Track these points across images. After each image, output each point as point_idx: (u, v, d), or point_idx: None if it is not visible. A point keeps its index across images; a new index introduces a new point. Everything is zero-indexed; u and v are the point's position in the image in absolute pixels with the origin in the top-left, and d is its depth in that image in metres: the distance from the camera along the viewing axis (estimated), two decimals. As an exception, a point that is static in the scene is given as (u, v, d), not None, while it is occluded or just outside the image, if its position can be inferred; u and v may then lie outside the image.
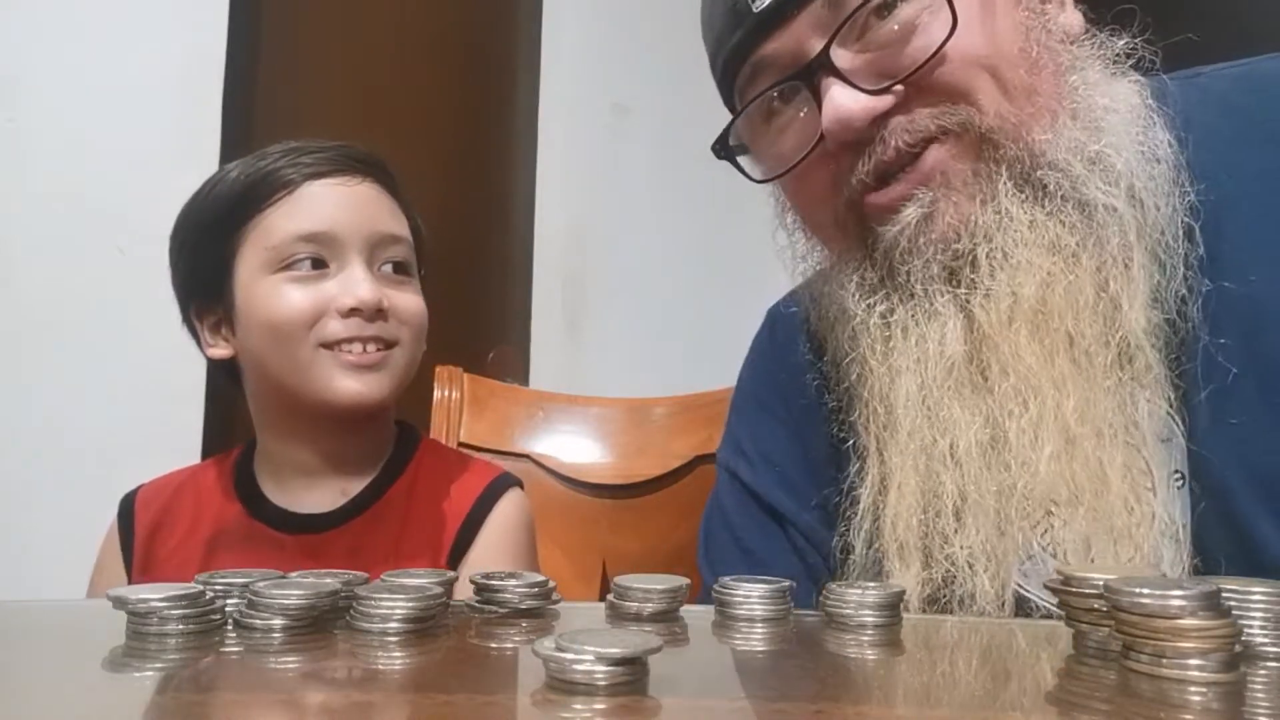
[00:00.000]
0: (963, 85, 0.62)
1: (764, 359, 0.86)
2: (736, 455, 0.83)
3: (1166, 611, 0.36)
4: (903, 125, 0.63)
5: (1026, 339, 0.62)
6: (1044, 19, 0.65)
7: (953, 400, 0.64)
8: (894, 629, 0.48)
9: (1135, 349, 0.61)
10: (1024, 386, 0.61)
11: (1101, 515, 0.59)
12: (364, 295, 0.78)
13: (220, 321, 0.84)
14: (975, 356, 0.64)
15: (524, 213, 1.89)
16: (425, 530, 0.83)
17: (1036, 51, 0.64)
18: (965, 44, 0.61)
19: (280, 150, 0.82)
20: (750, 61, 0.67)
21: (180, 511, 0.85)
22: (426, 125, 1.72)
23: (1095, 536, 0.60)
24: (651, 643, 0.35)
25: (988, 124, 0.62)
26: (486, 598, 0.51)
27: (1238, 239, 0.61)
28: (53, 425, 1.40)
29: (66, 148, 1.44)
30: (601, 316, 1.88)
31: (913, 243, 0.64)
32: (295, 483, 0.84)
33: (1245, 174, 0.63)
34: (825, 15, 0.63)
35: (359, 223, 0.80)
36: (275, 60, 1.62)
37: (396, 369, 0.82)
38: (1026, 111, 0.63)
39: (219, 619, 0.45)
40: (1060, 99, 0.64)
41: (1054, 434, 0.60)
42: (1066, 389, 0.61)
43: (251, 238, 0.80)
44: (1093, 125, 0.64)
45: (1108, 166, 0.62)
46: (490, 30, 1.88)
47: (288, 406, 0.82)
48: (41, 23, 1.44)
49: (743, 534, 0.80)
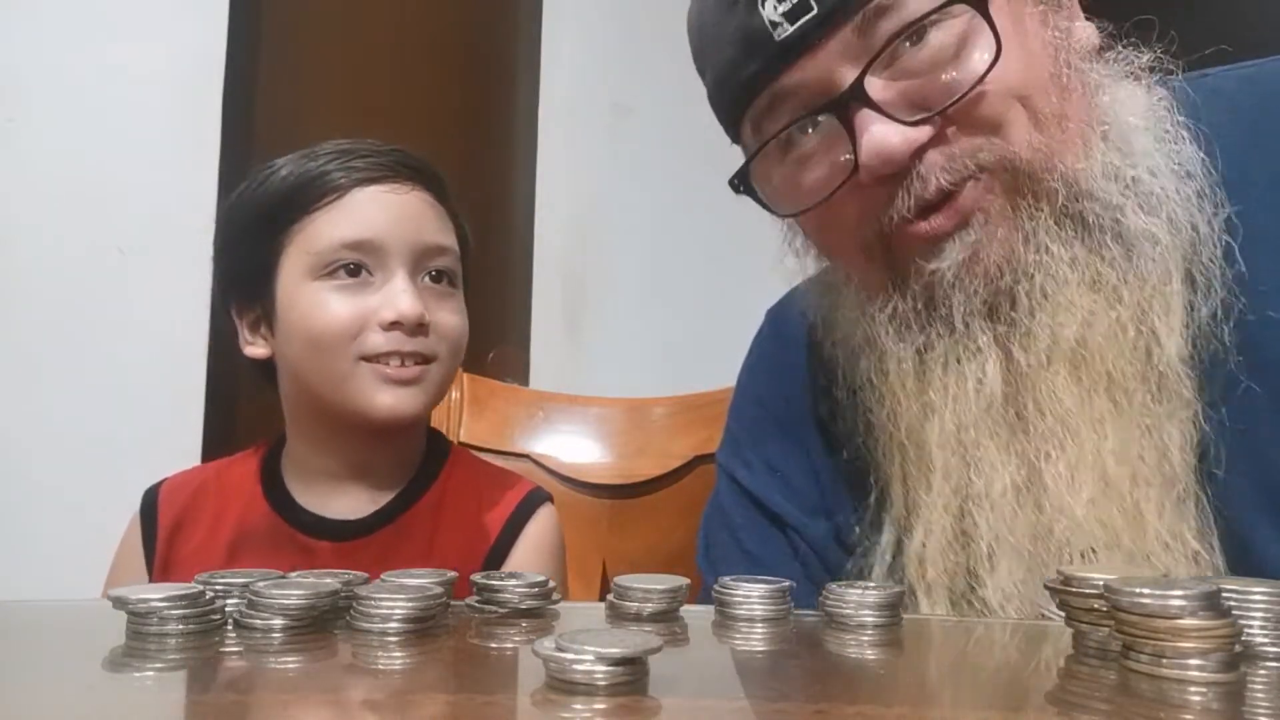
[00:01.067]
0: (997, 118, 0.60)
1: (765, 362, 0.86)
2: (736, 458, 0.82)
3: (1166, 611, 0.36)
4: (940, 165, 0.60)
5: (1065, 379, 0.60)
6: (1070, 38, 0.63)
7: (989, 441, 0.62)
8: (894, 629, 0.48)
9: (1172, 380, 0.59)
10: (1061, 428, 0.60)
11: (1138, 557, 0.58)
12: (405, 309, 0.77)
13: (259, 320, 0.82)
14: (1012, 396, 0.62)
15: (524, 213, 1.89)
16: (457, 544, 0.82)
17: (1066, 74, 0.62)
18: (1004, 73, 0.59)
19: (332, 150, 0.81)
20: (769, 91, 0.64)
21: (203, 509, 0.84)
22: (426, 125, 1.72)
23: None
24: (651, 643, 0.35)
25: (1023, 158, 0.60)
26: (486, 598, 0.51)
27: (1250, 252, 0.60)
28: (53, 425, 1.40)
29: (66, 148, 1.44)
30: (601, 316, 1.88)
31: (957, 278, 0.62)
32: (324, 487, 0.83)
33: (1258, 183, 0.62)
34: (855, 43, 0.60)
35: (405, 233, 0.79)
36: (275, 60, 1.62)
37: (433, 385, 0.81)
38: (1058, 140, 0.61)
39: (219, 619, 0.45)
40: (1091, 122, 0.62)
41: (1091, 477, 0.59)
42: (1105, 430, 0.59)
43: (296, 240, 0.79)
44: (1125, 147, 0.62)
45: (1145, 191, 0.61)
46: (490, 30, 1.88)
47: (322, 413, 0.81)
48: (41, 23, 1.44)
49: (743, 536, 0.79)
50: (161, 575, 0.82)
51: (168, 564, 0.83)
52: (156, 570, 0.83)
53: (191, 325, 1.43)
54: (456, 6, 1.83)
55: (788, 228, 0.75)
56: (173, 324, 1.43)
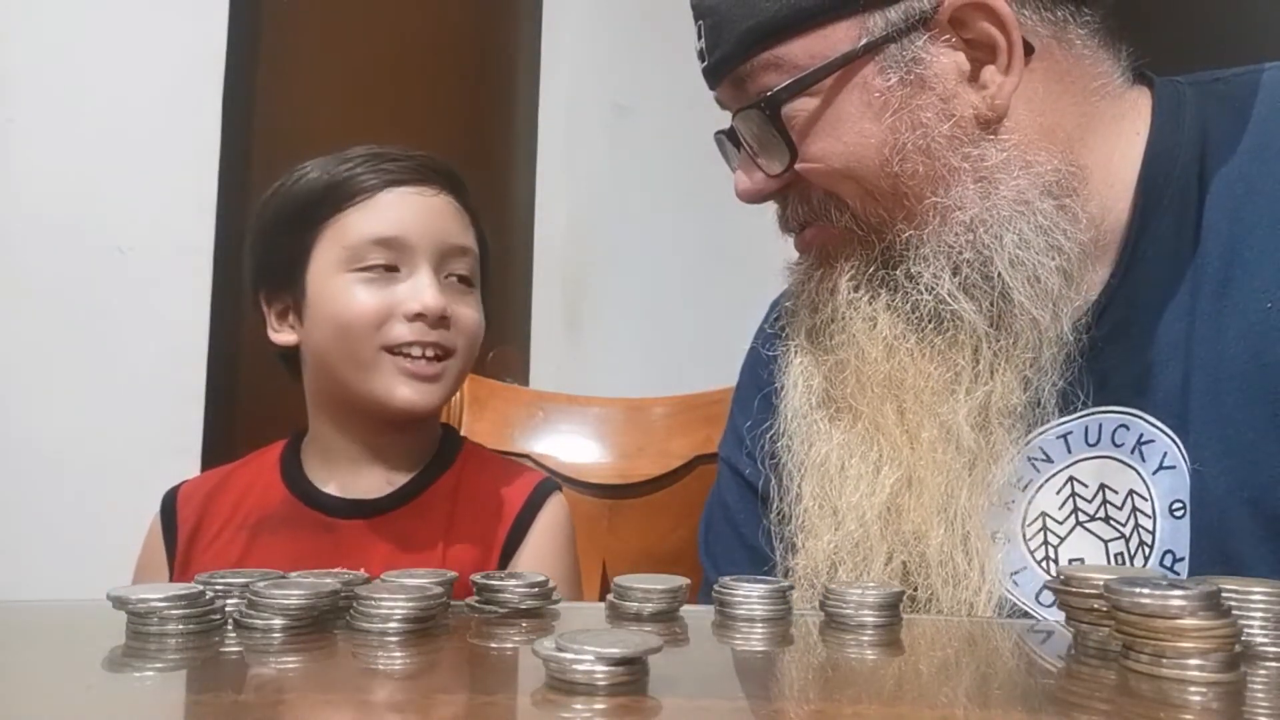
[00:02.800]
0: (828, 187, 0.68)
1: (768, 349, 0.86)
2: (738, 450, 0.82)
3: (1166, 611, 0.36)
4: (795, 202, 0.70)
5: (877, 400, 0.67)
6: (940, 113, 0.64)
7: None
8: (894, 629, 0.48)
9: (992, 425, 0.64)
10: (873, 428, 0.67)
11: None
12: (429, 301, 0.81)
13: (288, 309, 0.87)
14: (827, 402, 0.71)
15: (524, 213, 1.88)
16: (475, 526, 0.87)
17: (903, 158, 0.64)
18: (813, 164, 0.67)
19: (363, 154, 0.86)
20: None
21: (221, 506, 0.88)
22: (426, 125, 1.72)
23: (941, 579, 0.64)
24: (651, 643, 0.35)
25: (846, 222, 0.68)
26: (486, 598, 0.51)
27: (1253, 261, 0.60)
28: (53, 425, 1.40)
29: (66, 148, 1.44)
30: (601, 316, 1.88)
31: (794, 298, 0.74)
32: (344, 469, 0.87)
33: (1261, 191, 0.62)
34: (731, 94, 0.70)
35: (431, 232, 0.84)
36: (275, 61, 1.62)
37: (450, 379, 0.85)
38: (894, 212, 0.66)
39: (219, 619, 0.45)
40: (945, 194, 0.64)
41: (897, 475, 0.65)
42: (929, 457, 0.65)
43: (329, 234, 0.84)
44: (981, 222, 0.64)
45: (986, 273, 0.64)
46: (490, 30, 1.88)
47: (344, 399, 0.85)
48: (41, 23, 1.44)
49: (745, 529, 0.79)
50: (183, 574, 0.85)
51: (189, 561, 0.85)
52: (178, 570, 0.86)
53: (191, 325, 1.43)
54: (457, 7, 1.83)
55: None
56: (173, 324, 1.43)
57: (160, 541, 0.88)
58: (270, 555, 0.82)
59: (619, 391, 1.26)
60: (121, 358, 1.43)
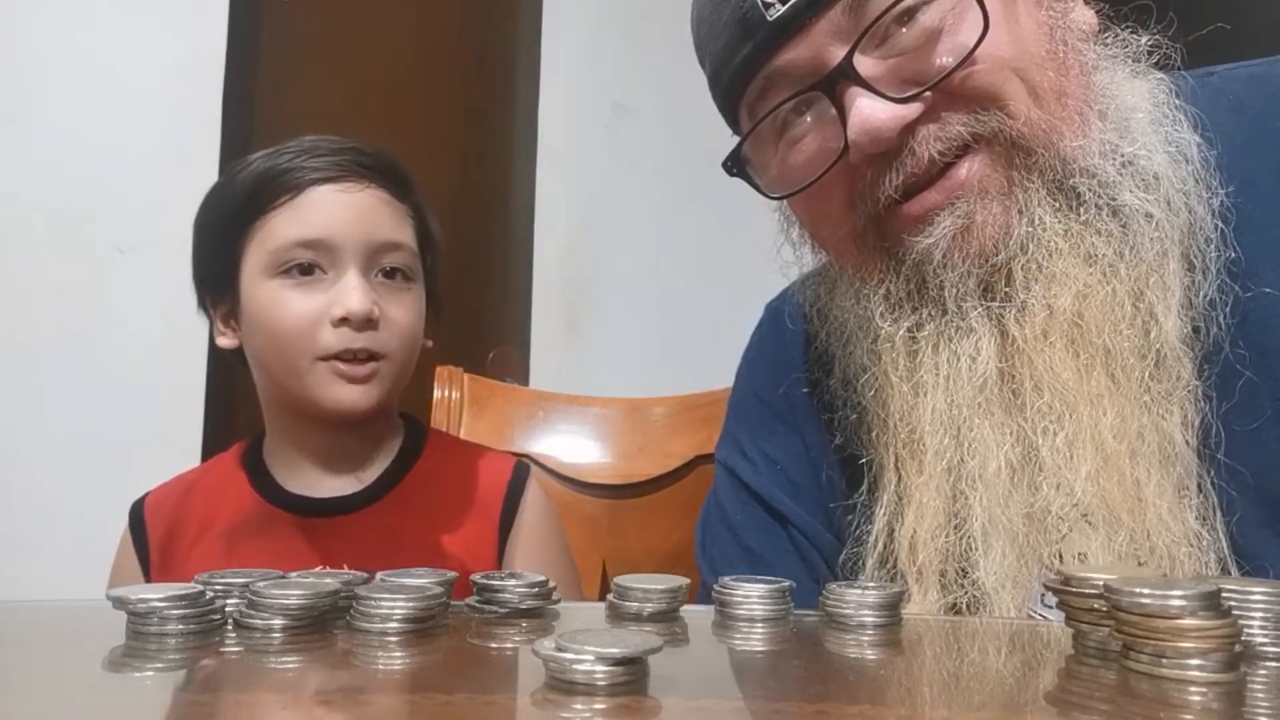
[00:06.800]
0: (993, 90, 0.60)
1: (764, 357, 0.86)
2: (736, 453, 0.82)
3: (1166, 611, 0.36)
4: (934, 134, 0.60)
5: (1062, 353, 0.60)
6: (1066, 18, 0.64)
7: (983, 420, 0.62)
8: (894, 629, 0.48)
9: (1171, 360, 0.59)
10: (1059, 403, 0.60)
11: (1138, 535, 0.58)
12: (353, 306, 0.79)
13: (229, 313, 0.86)
14: (1008, 373, 0.62)
15: (524, 213, 1.88)
16: (462, 511, 0.86)
17: (1063, 52, 0.62)
18: (995, 46, 0.59)
19: (295, 149, 0.83)
20: (763, 74, 0.64)
21: (192, 512, 0.86)
22: (426, 125, 1.71)
23: (1132, 558, 0.58)
24: (651, 643, 0.35)
25: (1019, 130, 0.60)
26: (486, 598, 0.51)
27: (1252, 247, 0.60)
28: (53, 425, 1.40)
29: (66, 147, 1.44)
30: (601, 316, 1.88)
31: (948, 256, 0.61)
32: (310, 471, 0.86)
33: (1259, 180, 0.62)
34: (845, 22, 0.60)
35: (357, 231, 0.81)
36: (275, 60, 1.62)
37: (385, 380, 0.83)
38: (1057, 115, 0.61)
39: (219, 619, 0.45)
40: (1089, 100, 0.62)
41: (1090, 452, 0.58)
42: (1103, 405, 0.59)
43: (256, 238, 0.82)
44: (1122, 126, 0.62)
45: (1141, 170, 0.61)
46: (490, 30, 1.88)
47: (289, 402, 0.84)
48: (41, 23, 1.44)
49: (742, 532, 0.79)
50: (161, 581, 0.83)
51: (164, 570, 0.84)
52: (154, 578, 0.85)
53: (191, 325, 1.42)
54: (457, 7, 1.83)
55: (784, 220, 0.75)
56: (173, 324, 1.43)
57: (132, 553, 0.86)
58: (250, 561, 0.79)
59: (619, 392, 1.26)
60: (121, 358, 1.43)
